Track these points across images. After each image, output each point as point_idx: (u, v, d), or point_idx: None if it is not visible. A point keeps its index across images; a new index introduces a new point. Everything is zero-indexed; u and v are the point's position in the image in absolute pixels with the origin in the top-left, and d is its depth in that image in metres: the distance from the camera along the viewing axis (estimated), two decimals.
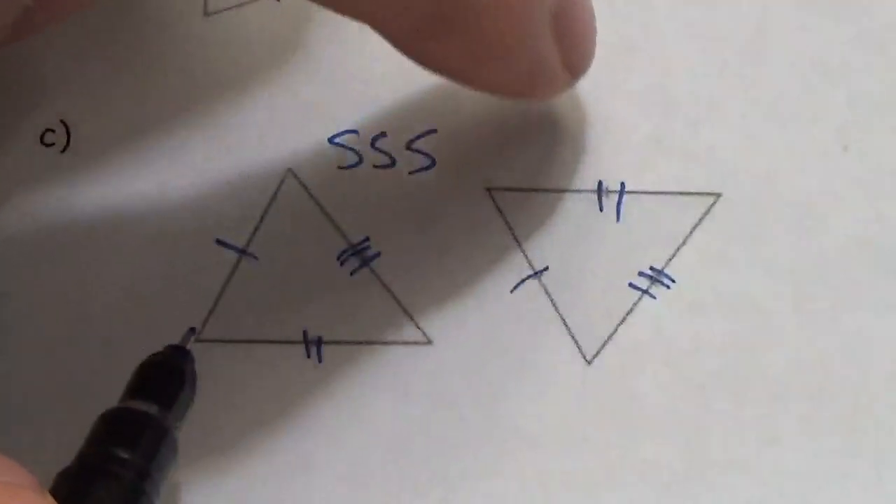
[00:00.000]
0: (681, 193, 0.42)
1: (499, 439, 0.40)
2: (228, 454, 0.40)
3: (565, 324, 0.41)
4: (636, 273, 0.41)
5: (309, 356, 0.41)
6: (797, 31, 0.43)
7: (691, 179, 0.42)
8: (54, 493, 0.32)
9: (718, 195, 0.42)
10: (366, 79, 0.42)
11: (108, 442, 0.34)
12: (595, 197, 0.42)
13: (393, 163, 0.42)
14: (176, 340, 0.38)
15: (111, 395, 0.40)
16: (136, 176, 0.42)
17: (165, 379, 0.37)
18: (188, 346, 0.37)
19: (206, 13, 0.43)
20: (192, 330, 0.39)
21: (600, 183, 0.42)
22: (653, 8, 0.43)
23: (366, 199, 0.41)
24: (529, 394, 0.40)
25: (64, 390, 0.40)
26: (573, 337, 0.41)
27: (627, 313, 0.41)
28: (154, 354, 0.37)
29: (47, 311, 0.41)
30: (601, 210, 0.42)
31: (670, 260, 0.41)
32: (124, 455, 0.34)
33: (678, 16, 0.43)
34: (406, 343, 0.41)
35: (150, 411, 0.35)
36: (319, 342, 0.41)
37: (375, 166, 0.42)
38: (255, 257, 0.41)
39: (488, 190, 0.42)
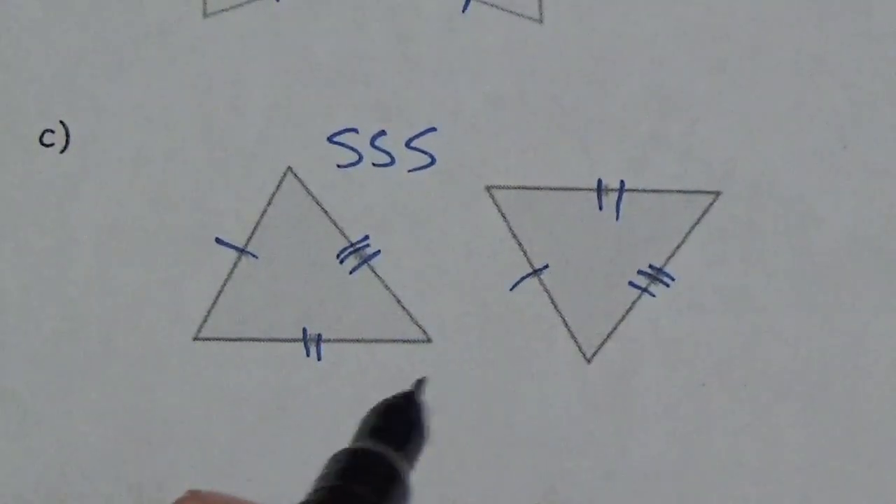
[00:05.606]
0: (680, 192, 0.42)
1: (498, 437, 0.40)
2: (228, 451, 0.40)
3: (565, 322, 0.41)
4: (636, 271, 0.41)
5: (308, 354, 0.41)
6: (797, 29, 0.43)
7: (690, 178, 0.42)
8: None
9: (717, 194, 0.42)
10: (366, 78, 0.42)
11: (347, 478, 0.33)
12: (595, 195, 0.42)
13: (392, 161, 0.42)
14: (174, 339, 0.38)
15: (111, 394, 0.40)
16: (135, 176, 0.42)
17: (402, 424, 0.36)
18: (421, 396, 0.36)
19: (206, 13, 0.43)
20: (422, 380, 0.37)
21: (600, 182, 0.42)
22: (652, 7, 0.43)
23: (365, 197, 0.41)
24: (529, 391, 0.40)
25: (64, 390, 0.40)
26: (573, 335, 0.41)
27: (627, 311, 0.41)
28: (391, 399, 0.36)
29: (48, 310, 0.41)
30: (601, 209, 0.42)
31: (670, 258, 0.41)
32: (363, 493, 0.33)
33: (678, 15, 0.43)
34: (405, 341, 0.41)
35: (387, 454, 0.34)
36: (319, 340, 0.41)
37: (375, 165, 0.42)
38: (255, 256, 0.41)
39: (488, 189, 0.42)
